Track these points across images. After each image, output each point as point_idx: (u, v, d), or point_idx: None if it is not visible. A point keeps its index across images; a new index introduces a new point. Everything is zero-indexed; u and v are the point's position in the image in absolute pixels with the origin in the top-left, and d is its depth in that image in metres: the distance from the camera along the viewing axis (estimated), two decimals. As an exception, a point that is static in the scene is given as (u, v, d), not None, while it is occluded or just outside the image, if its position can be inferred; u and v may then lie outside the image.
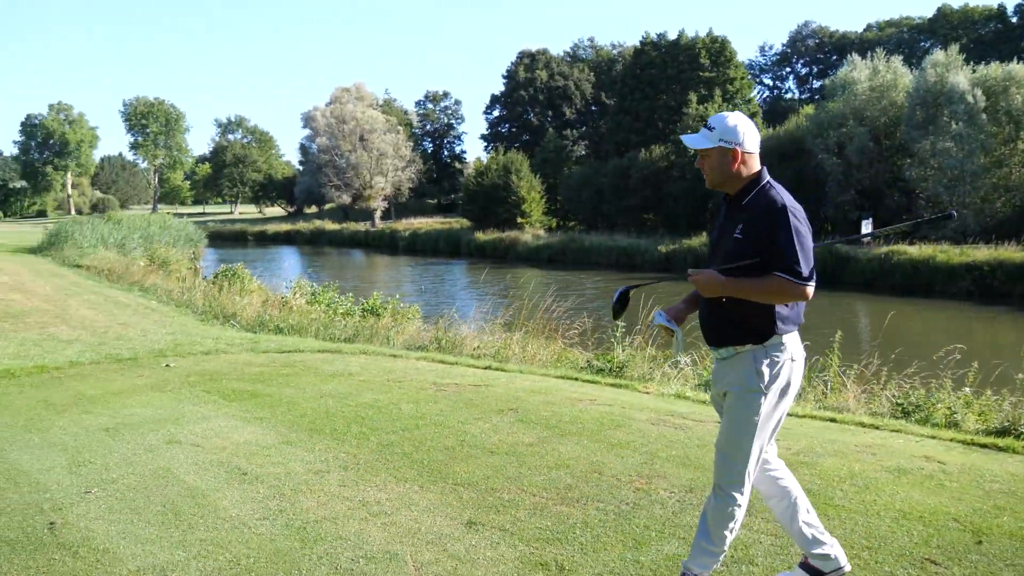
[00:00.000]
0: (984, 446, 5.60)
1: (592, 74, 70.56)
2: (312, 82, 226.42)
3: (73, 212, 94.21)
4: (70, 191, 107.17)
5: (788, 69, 78.88)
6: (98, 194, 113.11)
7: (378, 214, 70.63)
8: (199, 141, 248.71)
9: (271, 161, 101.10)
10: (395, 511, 4.42)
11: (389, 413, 6.44)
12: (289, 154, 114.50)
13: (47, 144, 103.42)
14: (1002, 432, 6.05)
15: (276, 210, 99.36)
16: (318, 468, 5.16)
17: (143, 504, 4.60)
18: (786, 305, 3.22)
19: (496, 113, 75.37)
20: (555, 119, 68.92)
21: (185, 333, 11.59)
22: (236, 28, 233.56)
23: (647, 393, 7.32)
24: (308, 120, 79.61)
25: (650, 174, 46.18)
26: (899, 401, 6.91)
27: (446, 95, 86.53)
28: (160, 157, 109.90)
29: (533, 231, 48.23)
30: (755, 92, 68.13)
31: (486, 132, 75.73)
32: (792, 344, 3.29)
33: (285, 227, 73.72)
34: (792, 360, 3.28)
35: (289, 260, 49.47)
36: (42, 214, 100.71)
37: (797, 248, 3.10)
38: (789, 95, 77.39)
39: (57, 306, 14.86)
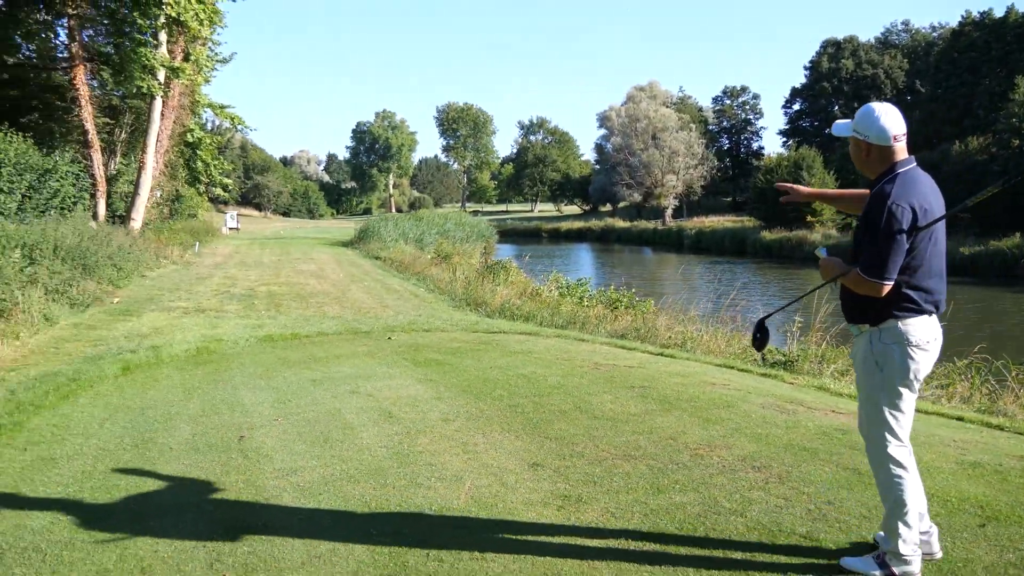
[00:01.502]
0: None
1: (905, 61, 65.92)
2: (610, 81, 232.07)
3: (393, 210, 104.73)
4: (391, 191, 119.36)
5: None
6: (415, 193, 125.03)
7: (669, 212, 71.39)
8: (504, 143, 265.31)
9: (569, 161, 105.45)
10: (484, 451, 5.51)
11: (534, 382, 7.53)
12: (587, 153, 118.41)
13: (373, 148, 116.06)
14: None
15: (573, 208, 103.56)
16: (448, 417, 6.39)
17: (307, 431, 6.11)
18: (909, 289, 3.47)
19: (796, 107, 72.97)
20: (861, 111, 65.26)
21: (428, 315, 13.41)
22: (540, 32, 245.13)
23: (791, 384, 7.72)
24: (603, 120, 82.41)
25: (964, 168, 42.53)
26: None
27: (744, 90, 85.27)
28: (469, 158, 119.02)
29: (824, 230, 46.41)
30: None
31: (785, 127, 73.61)
32: (915, 329, 3.49)
33: (577, 224, 76.96)
34: (911, 345, 3.49)
35: (574, 256, 51.82)
36: (368, 212, 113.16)
37: (875, 244, 3.40)
38: None
39: (339, 290, 17.57)
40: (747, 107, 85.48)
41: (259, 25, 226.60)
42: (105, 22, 23.98)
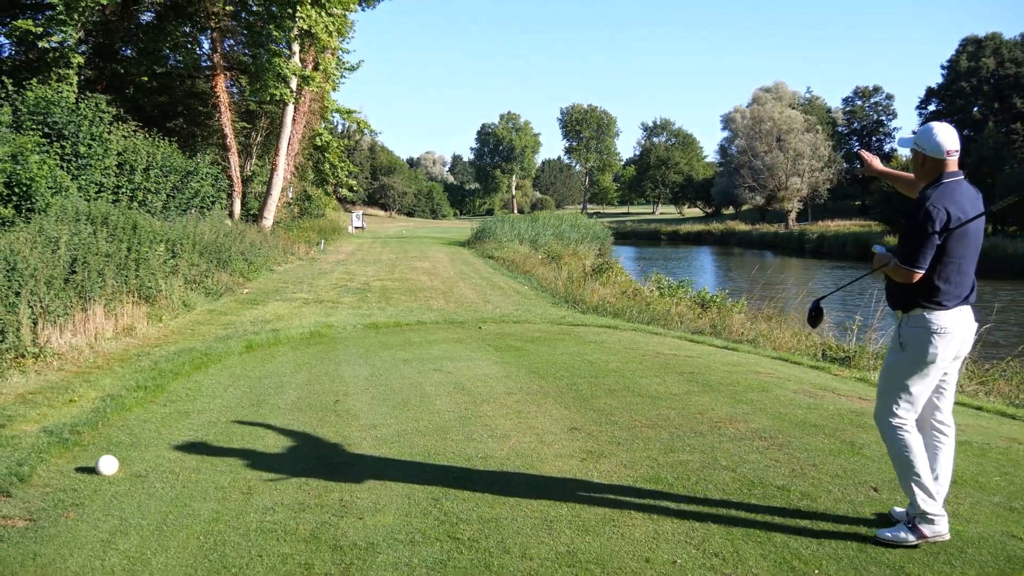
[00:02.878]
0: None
1: (1054, 57, 62.67)
2: (735, 82, 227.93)
3: (515, 211, 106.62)
4: (514, 192, 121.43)
5: None
6: (538, 194, 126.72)
7: (792, 215, 70.30)
8: (627, 144, 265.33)
9: (693, 162, 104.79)
10: (533, 417, 6.53)
11: (595, 366, 8.48)
12: (711, 155, 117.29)
13: (497, 150, 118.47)
14: None
15: (695, 211, 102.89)
16: (512, 391, 7.43)
17: (391, 396, 7.29)
18: (939, 282, 4.03)
19: (932, 108, 70.39)
20: (1002, 112, 62.58)
21: (524, 310, 14.47)
22: (664, 32, 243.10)
23: (835, 375, 8.38)
24: (727, 122, 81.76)
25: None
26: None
27: (877, 90, 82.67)
28: (591, 160, 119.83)
29: (953, 236, 44.94)
30: None
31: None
32: (942, 320, 4.05)
33: (697, 227, 76.71)
34: (933, 332, 4.04)
35: (691, 259, 51.90)
36: (490, 212, 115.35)
37: (909, 238, 4.02)
38: None
39: (447, 286, 18.87)
40: (879, 108, 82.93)
41: (389, 30, 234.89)
42: (244, 33, 26.17)
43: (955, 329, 4.10)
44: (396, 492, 4.93)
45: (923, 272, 4.03)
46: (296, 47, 26.42)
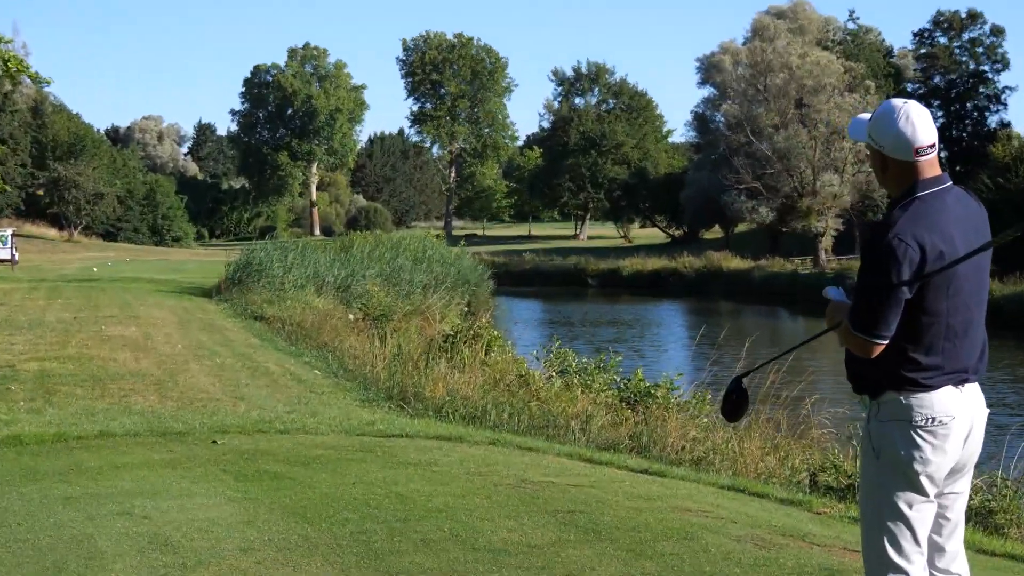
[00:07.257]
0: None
1: None
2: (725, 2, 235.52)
3: (317, 231, 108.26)
4: (314, 195, 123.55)
5: None
6: (361, 200, 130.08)
7: (825, 241, 71.90)
8: (529, 110, 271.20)
9: (647, 145, 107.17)
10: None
11: (409, 503, 9.41)
12: (679, 134, 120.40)
13: (282, 115, 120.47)
14: None
15: (652, 233, 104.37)
16: (252, 546, 8.17)
17: (32, 562, 7.86)
18: (918, 351, 4.63)
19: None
20: None
21: (302, 410, 15.24)
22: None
23: (819, 513, 9.47)
24: (709, 70, 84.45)
25: None
26: None
27: (974, 19, 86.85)
28: (461, 137, 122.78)
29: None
30: None
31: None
32: (923, 405, 4.62)
33: (654, 264, 77.98)
34: (915, 426, 4.61)
35: (640, 322, 53.53)
36: (268, 233, 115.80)
37: (864, 290, 4.68)
38: None
39: (167, 370, 19.53)
40: (977, 50, 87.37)
41: None
42: None
43: (950, 420, 4.68)
44: None
45: (886, 342, 4.61)
46: None
